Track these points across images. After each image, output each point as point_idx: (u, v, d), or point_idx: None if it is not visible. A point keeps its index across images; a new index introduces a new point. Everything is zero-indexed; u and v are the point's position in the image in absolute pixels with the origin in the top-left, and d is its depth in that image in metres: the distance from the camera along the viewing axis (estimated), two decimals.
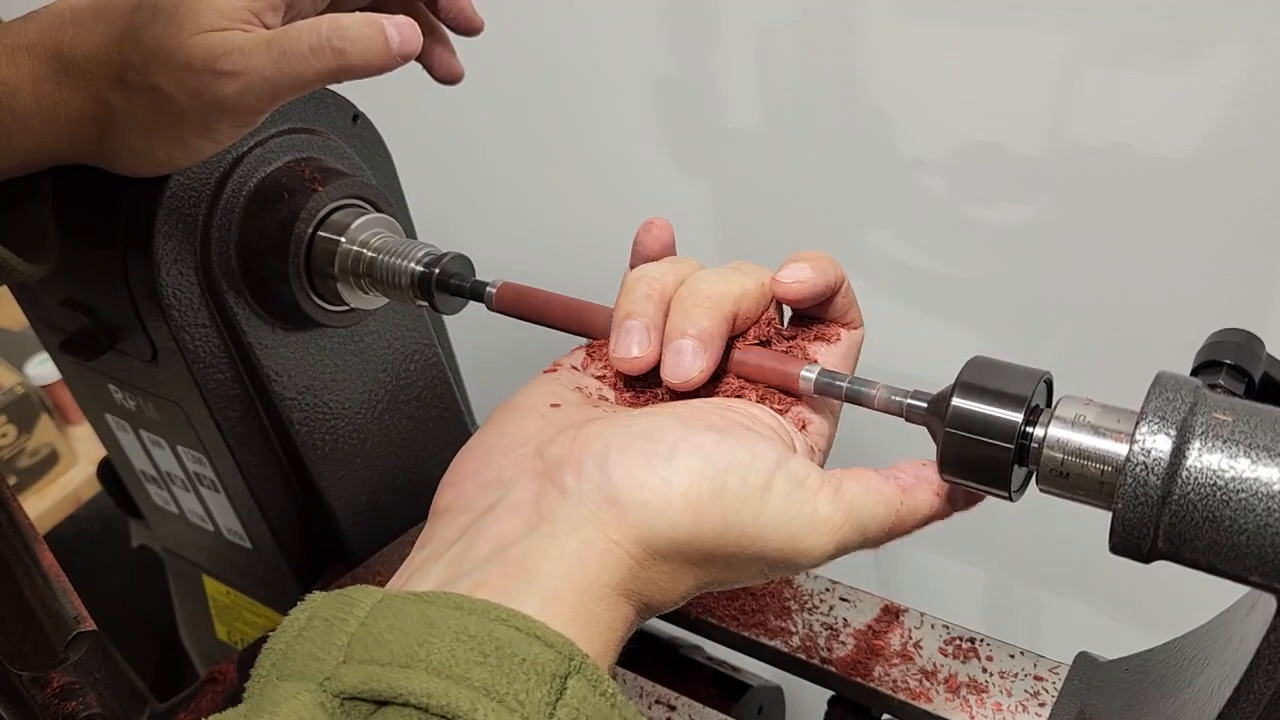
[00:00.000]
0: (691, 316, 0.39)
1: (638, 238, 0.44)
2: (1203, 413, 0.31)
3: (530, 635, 0.28)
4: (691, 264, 0.42)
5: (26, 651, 0.46)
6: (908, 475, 0.38)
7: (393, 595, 0.30)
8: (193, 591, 0.78)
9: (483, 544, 0.33)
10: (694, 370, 0.38)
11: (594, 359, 0.43)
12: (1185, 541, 0.31)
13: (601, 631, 0.32)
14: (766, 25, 0.84)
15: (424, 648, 0.28)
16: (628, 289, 0.41)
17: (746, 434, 0.35)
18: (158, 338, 0.54)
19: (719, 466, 0.33)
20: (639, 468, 0.33)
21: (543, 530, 0.32)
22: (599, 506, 0.33)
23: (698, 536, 0.33)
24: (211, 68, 0.40)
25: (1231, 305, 0.74)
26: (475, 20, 0.52)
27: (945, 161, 0.81)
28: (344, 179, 0.54)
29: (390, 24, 0.41)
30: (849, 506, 0.35)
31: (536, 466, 0.35)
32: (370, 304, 0.57)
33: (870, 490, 0.36)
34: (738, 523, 0.33)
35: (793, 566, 0.35)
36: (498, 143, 1.07)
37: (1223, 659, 0.38)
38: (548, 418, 0.38)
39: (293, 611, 0.30)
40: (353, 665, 0.28)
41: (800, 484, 0.34)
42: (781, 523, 0.34)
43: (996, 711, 0.52)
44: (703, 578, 0.35)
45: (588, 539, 0.32)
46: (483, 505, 0.35)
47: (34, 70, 0.42)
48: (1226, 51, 0.66)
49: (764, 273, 0.42)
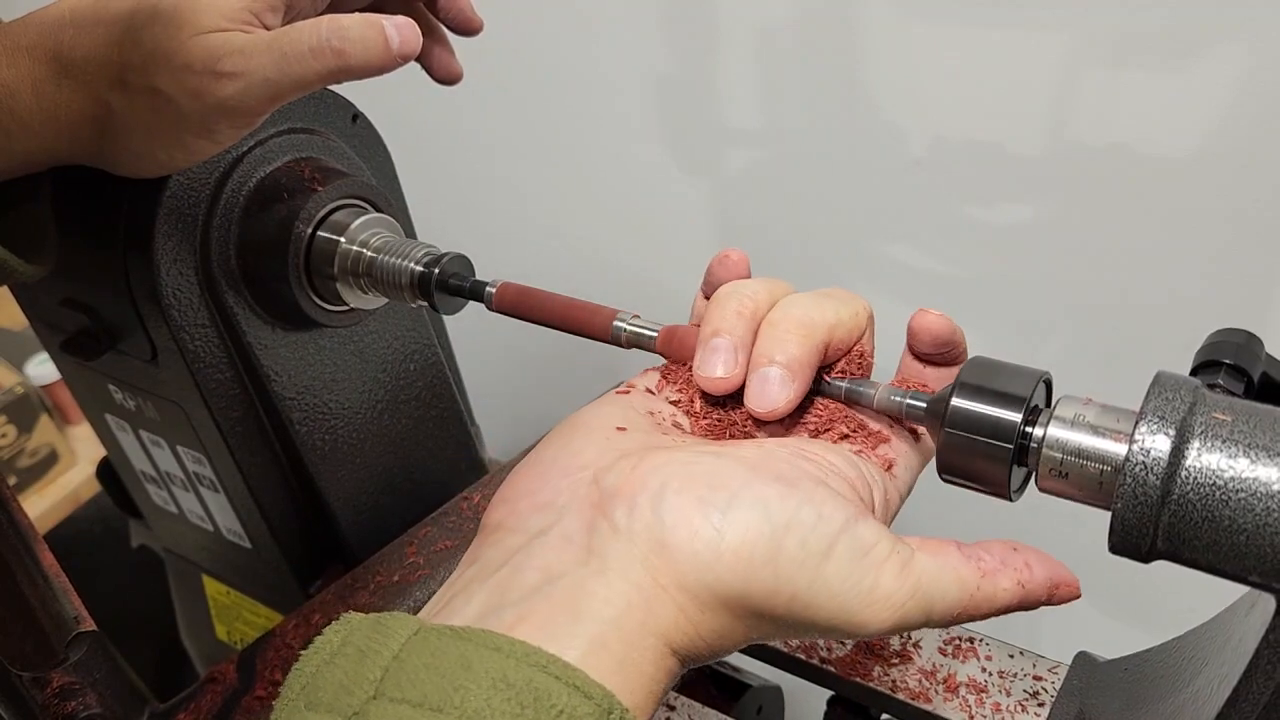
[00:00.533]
0: (782, 343, 0.37)
1: (712, 269, 0.42)
2: (1202, 412, 0.31)
3: (570, 685, 0.27)
4: (785, 286, 0.40)
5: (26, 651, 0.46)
6: (993, 558, 0.35)
7: (429, 628, 0.29)
8: (192, 591, 0.78)
9: (530, 573, 0.31)
10: (780, 400, 0.37)
11: (669, 381, 0.41)
12: (1184, 541, 0.31)
13: (644, 683, 0.30)
14: (766, 25, 0.84)
15: (459, 693, 0.27)
16: (718, 303, 0.39)
17: (817, 490, 0.33)
18: (158, 338, 0.55)
19: (778, 524, 0.31)
20: (694, 514, 0.31)
21: (593, 566, 0.31)
22: (648, 549, 0.31)
23: (746, 595, 0.31)
24: (211, 69, 0.40)
25: (1231, 305, 0.74)
26: (474, 20, 0.52)
27: (945, 161, 0.81)
28: (344, 179, 0.54)
29: (390, 24, 0.41)
30: (916, 583, 0.33)
31: (592, 495, 0.33)
32: (370, 304, 0.57)
33: (945, 568, 0.34)
34: (790, 587, 0.31)
35: (844, 636, 0.33)
36: (497, 143, 1.07)
37: (1222, 659, 0.38)
38: (612, 441, 0.36)
39: (326, 631, 0.29)
40: (384, 703, 0.27)
41: (865, 553, 0.32)
42: (836, 592, 0.32)
43: (996, 711, 0.52)
44: (751, 634, 0.33)
45: (637, 582, 0.31)
46: (534, 529, 0.33)
47: (34, 72, 0.42)
48: (1226, 51, 0.66)
49: (860, 302, 0.40)
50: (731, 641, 0.33)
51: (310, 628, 0.53)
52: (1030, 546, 0.36)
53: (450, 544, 0.58)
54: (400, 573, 0.56)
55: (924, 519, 0.92)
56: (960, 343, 0.40)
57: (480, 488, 0.63)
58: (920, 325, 0.39)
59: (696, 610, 0.31)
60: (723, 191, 0.95)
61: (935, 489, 0.41)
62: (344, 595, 0.55)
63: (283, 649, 0.52)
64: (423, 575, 0.56)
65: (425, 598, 0.55)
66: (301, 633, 0.53)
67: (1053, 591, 0.35)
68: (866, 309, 0.40)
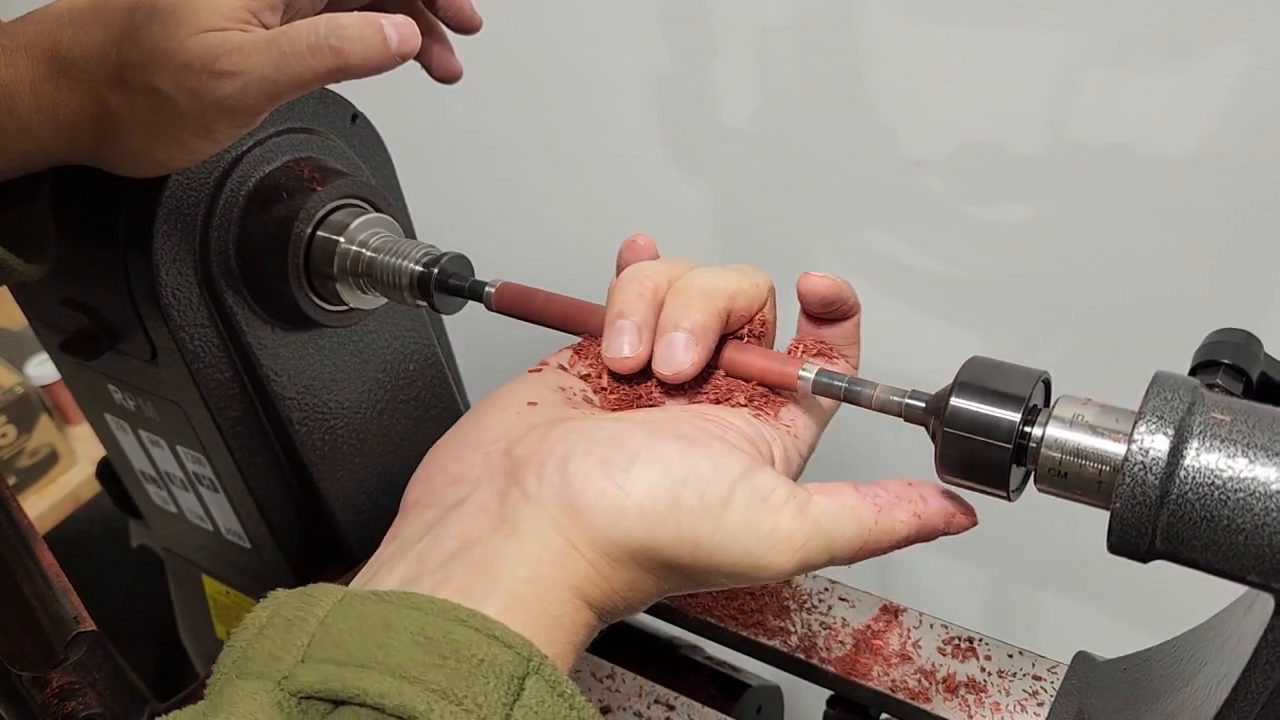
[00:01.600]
0: (686, 310, 0.39)
1: (620, 254, 0.44)
2: (1201, 412, 0.31)
3: (489, 636, 0.28)
4: (686, 263, 0.42)
5: (26, 651, 0.46)
6: (888, 494, 0.37)
7: (353, 595, 0.30)
8: (192, 591, 0.78)
9: (447, 541, 0.33)
10: (685, 363, 0.38)
11: (581, 357, 0.43)
12: (1183, 541, 0.31)
13: (562, 634, 0.32)
14: (766, 25, 0.84)
15: (382, 649, 0.28)
16: (620, 286, 0.41)
17: (714, 444, 0.35)
18: (157, 338, 0.55)
19: (677, 478, 0.33)
20: (598, 475, 0.33)
21: (505, 532, 0.33)
22: (558, 510, 0.33)
23: (652, 546, 0.33)
24: (210, 68, 0.40)
25: (1230, 305, 0.74)
26: (474, 19, 0.52)
27: (945, 161, 0.81)
28: (343, 179, 0.54)
29: (389, 23, 0.41)
30: (815, 524, 0.35)
31: (504, 465, 0.35)
32: (369, 304, 0.57)
33: (843, 507, 0.36)
34: (693, 536, 0.33)
35: (752, 580, 0.35)
36: (497, 143, 1.08)
37: (1220, 658, 0.38)
38: (522, 415, 0.38)
39: (255, 608, 0.31)
40: (311, 665, 0.28)
41: (763, 499, 0.34)
42: (738, 538, 0.33)
43: (995, 711, 0.52)
44: (663, 585, 0.35)
45: (548, 543, 0.33)
46: (450, 501, 0.35)
47: (33, 71, 0.42)
48: (1226, 51, 0.66)
49: (760, 275, 0.42)
50: (644, 594, 0.34)
51: None
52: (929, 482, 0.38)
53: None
54: None
55: None
56: (849, 298, 0.42)
57: None
58: (806, 289, 0.41)
59: (607, 565, 0.33)
60: (722, 191, 0.95)
61: None
62: None
63: None
64: None
65: None
66: None
67: (949, 520, 0.38)
68: (767, 281, 0.42)
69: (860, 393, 0.39)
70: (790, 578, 0.35)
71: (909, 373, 0.85)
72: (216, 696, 0.28)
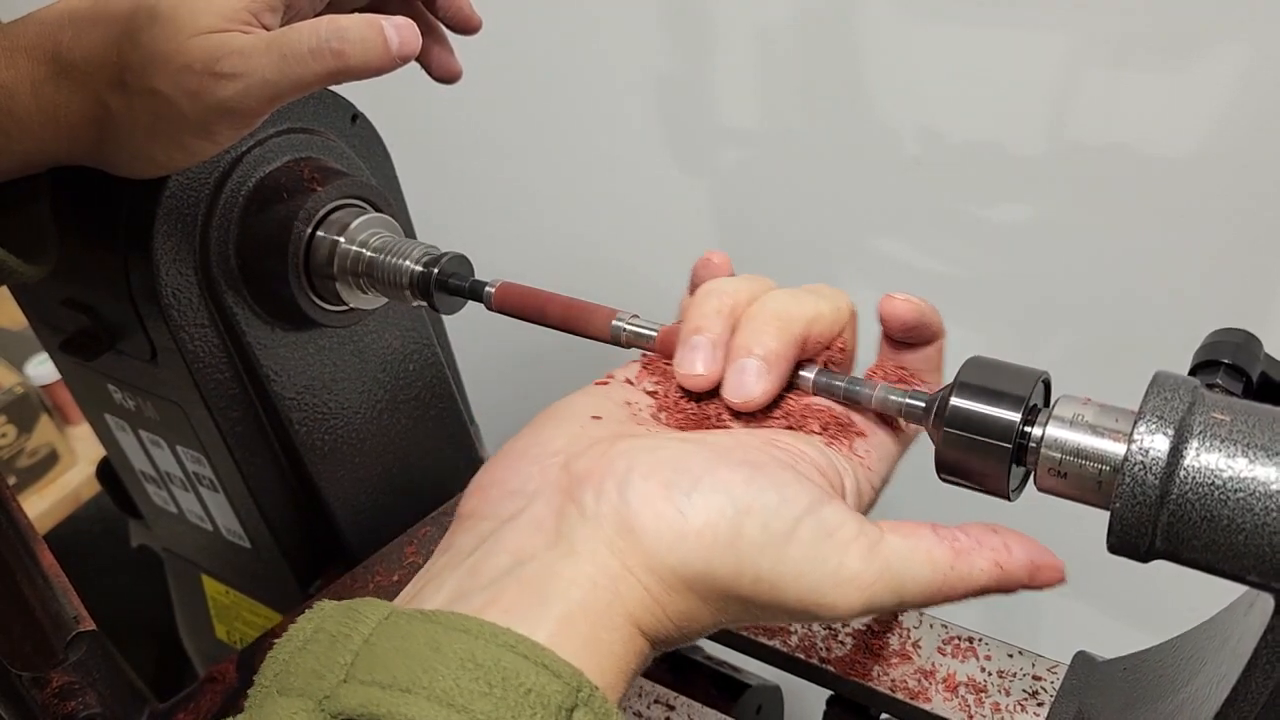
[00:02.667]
0: (759, 336, 0.37)
1: (695, 271, 0.43)
2: (1201, 412, 0.31)
3: (538, 664, 0.27)
4: (766, 282, 0.40)
5: (26, 651, 0.46)
6: (968, 538, 0.35)
7: (400, 613, 0.29)
8: (192, 591, 0.78)
9: (501, 556, 0.32)
10: (756, 391, 0.37)
11: (650, 372, 0.41)
12: (1183, 541, 0.31)
13: (613, 662, 0.31)
14: (766, 25, 0.84)
15: (428, 674, 0.27)
16: (697, 302, 0.39)
17: (783, 473, 0.33)
18: (157, 338, 0.55)
19: (740, 506, 0.32)
20: (658, 497, 0.32)
21: (560, 549, 0.31)
22: (615, 531, 0.32)
23: (709, 575, 0.32)
24: (211, 69, 0.40)
25: (1230, 305, 0.74)
26: (473, 19, 0.52)
27: (945, 161, 0.81)
28: (343, 179, 0.54)
29: (389, 25, 0.41)
30: (885, 564, 0.33)
31: (562, 480, 0.34)
32: (369, 304, 0.57)
33: (917, 549, 0.34)
34: (753, 569, 0.31)
35: (814, 618, 0.33)
36: (497, 143, 1.08)
37: (1220, 658, 0.38)
38: (585, 429, 0.36)
39: (299, 619, 0.30)
40: (354, 685, 0.27)
41: (830, 534, 0.32)
42: (802, 573, 0.32)
43: (995, 711, 0.52)
44: (720, 615, 0.33)
45: (604, 564, 0.31)
46: (505, 514, 0.34)
47: (33, 72, 0.42)
48: (1226, 51, 0.66)
49: (841, 297, 0.40)
50: (699, 624, 0.33)
51: None
52: (1012, 530, 0.36)
53: None
54: (400, 573, 0.56)
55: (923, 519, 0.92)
56: (933, 322, 0.40)
57: None
58: (888, 313, 0.40)
59: (663, 592, 0.32)
60: (722, 191, 0.95)
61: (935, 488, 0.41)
62: (343, 595, 0.55)
63: None
64: None
65: None
66: None
67: (1034, 573, 0.35)
68: (848, 304, 0.41)
69: (860, 393, 0.39)
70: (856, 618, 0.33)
71: None
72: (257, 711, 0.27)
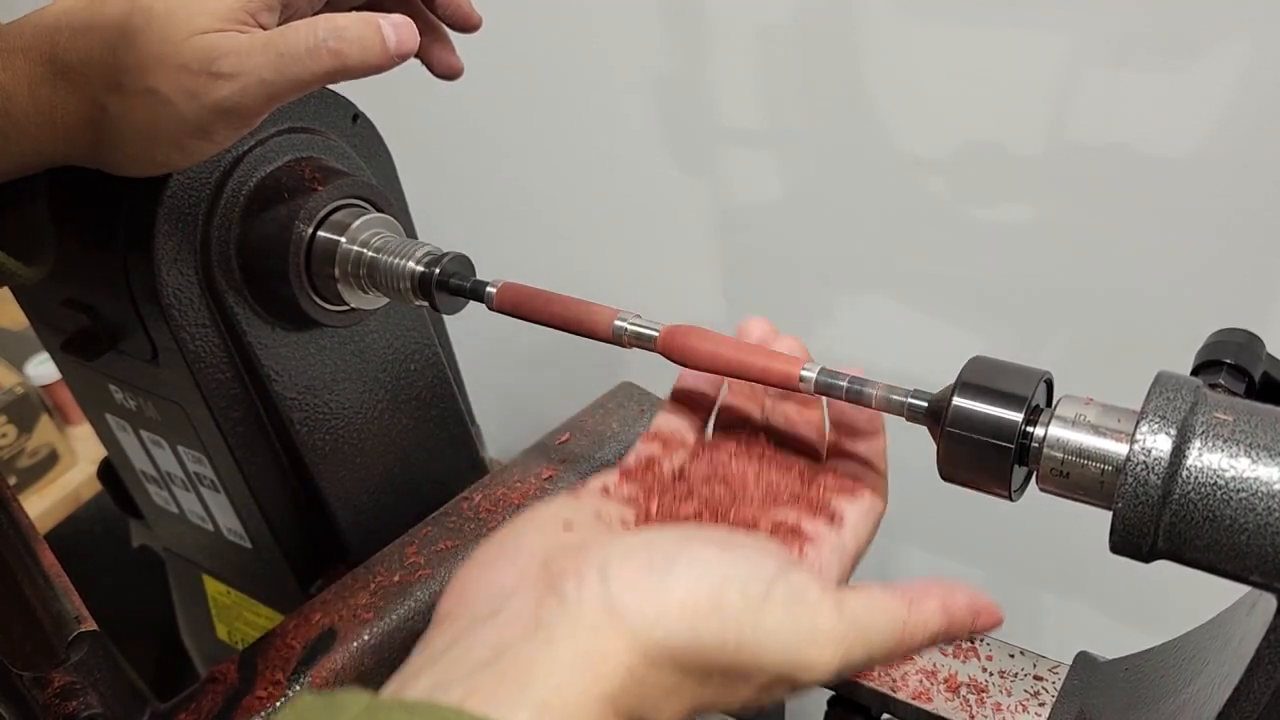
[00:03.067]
0: None
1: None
2: (1203, 412, 0.31)
3: None
4: None
5: (27, 651, 0.46)
6: (914, 589, 0.37)
7: (380, 703, 0.29)
8: (193, 591, 0.78)
9: (479, 649, 0.32)
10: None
11: (628, 479, 0.43)
12: (1185, 541, 0.31)
13: None
14: (766, 25, 0.84)
15: None
16: None
17: (748, 545, 0.36)
18: (158, 338, 0.54)
19: (717, 577, 0.33)
20: (638, 577, 0.33)
21: (540, 638, 0.32)
22: (597, 615, 0.33)
23: (694, 646, 0.33)
24: (208, 70, 0.39)
25: (1232, 305, 0.74)
26: (473, 17, 0.52)
27: (945, 161, 0.81)
28: (344, 179, 0.54)
29: (387, 24, 0.41)
30: (853, 619, 0.34)
31: (542, 576, 0.35)
32: (370, 304, 0.57)
33: (873, 603, 0.35)
34: (736, 633, 0.33)
35: (795, 680, 0.34)
36: (498, 142, 1.08)
37: (1222, 658, 0.38)
38: (557, 536, 0.38)
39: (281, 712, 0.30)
40: None
41: (800, 596, 0.34)
42: (779, 634, 0.33)
43: (996, 711, 0.52)
44: (700, 695, 0.34)
45: (583, 648, 0.32)
46: (483, 613, 0.34)
47: (30, 73, 0.41)
48: (1226, 51, 0.66)
49: None
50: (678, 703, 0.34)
51: (310, 627, 0.53)
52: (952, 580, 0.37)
53: (451, 544, 0.58)
54: (401, 573, 0.56)
55: (924, 519, 0.92)
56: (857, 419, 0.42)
57: (480, 488, 0.62)
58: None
59: (644, 668, 0.32)
60: (722, 191, 0.95)
61: (936, 488, 0.41)
62: (344, 595, 0.55)
63: (283, 649, 0.52)
64: (423, 575, 0.56)
65: (426, 598, 0.55)
66: (302, 633, 0.53)
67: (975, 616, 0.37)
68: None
69: (862, 392, 0.39)
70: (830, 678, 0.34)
71: (910, 372, 0.85)
72: None
